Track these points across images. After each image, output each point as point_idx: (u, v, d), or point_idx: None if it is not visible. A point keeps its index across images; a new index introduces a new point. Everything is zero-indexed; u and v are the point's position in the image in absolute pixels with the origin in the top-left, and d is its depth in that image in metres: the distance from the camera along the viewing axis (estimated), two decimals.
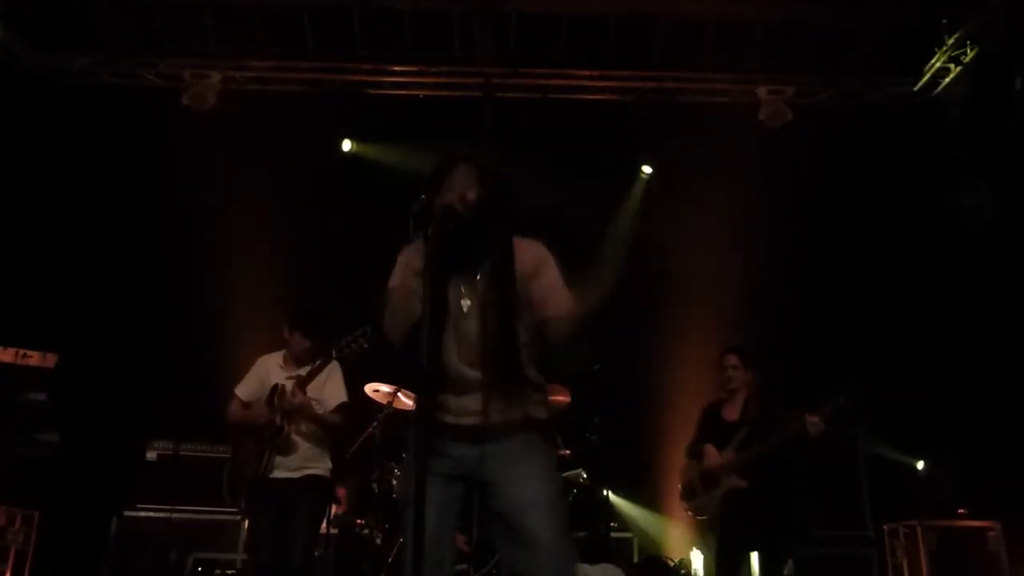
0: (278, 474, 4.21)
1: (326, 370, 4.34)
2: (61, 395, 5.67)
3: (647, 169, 7.92)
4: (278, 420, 4.22)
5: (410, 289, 2.55)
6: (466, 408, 2.54)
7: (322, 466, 4.33)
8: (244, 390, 4.46)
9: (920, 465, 6.48)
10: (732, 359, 4.89)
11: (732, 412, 4.83)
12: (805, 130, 7.29)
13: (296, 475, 4.22)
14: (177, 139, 7.12)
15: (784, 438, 4.49)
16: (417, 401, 2.57)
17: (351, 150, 7.74)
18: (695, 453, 4.93)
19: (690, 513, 4.94)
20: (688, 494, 4.93)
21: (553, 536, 2.43)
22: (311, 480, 4.25)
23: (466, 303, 2.59)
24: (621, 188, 8.01)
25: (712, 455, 4.75)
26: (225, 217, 7.02)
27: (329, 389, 4.38)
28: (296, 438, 4.26)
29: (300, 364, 4.37)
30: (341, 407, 4.40)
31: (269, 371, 4.43)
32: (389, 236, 2.68)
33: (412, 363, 2.43)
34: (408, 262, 2.59)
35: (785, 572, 4.65)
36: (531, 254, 2.66)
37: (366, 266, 7.01)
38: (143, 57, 7.30)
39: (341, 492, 6.01)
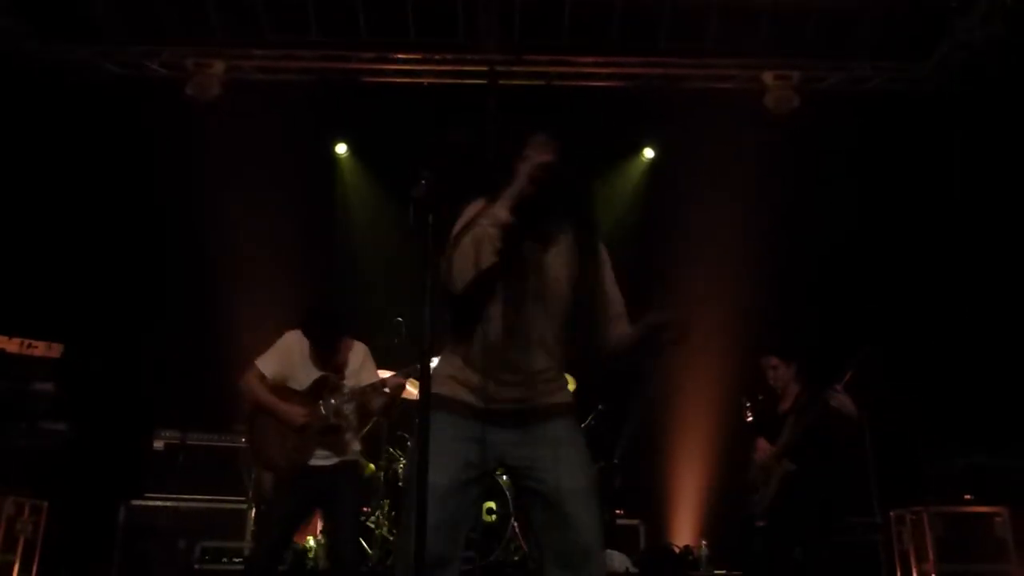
0: (315, 462, 4.12)
1: (356, 355, 4.30)
2: (67, 385, 5.68)
3: (649, 152, 7.93)
4: (333, 418, 4.12)
5: (486, 233, 2.40)
6: (507, 389, 2.46)
7: (354, 451, 4.28)
8: (268, 366, 4.20)
9: None
10: (772, 360, 5.01)
11: (785, 404, 4.95)
12: (812, 116, 7.24)
13: (331, 462, 4.14)
14: (181, 129, 7.12)
15: (811, 416, 4.60)
16: (449, 379, 2.50)
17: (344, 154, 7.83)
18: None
19: (754, 510, 4.97)
20: (752, 490, 4.98)
21: (593, 524, 2.41)
22: (345, 465, 4.18)
23: (534, 281, 2.52)
24: (624, 176, 8.02)
25: (762, 447, 4.83)
26: (230, 207, 7.02)
27: (366, 376, 4.30)
28: (340, 434, 4.18)
29: (329, 358, 4.25)
30: None
31: (295, 356, 4.25)
32: (393, 226, 2.67)
33: (458, 325, 2.40)
34: (480, 211, 2.48)
35: (795, 556, 4.69)
36: (600, 247, 2.65)
37: (371, 255, 7.12)
38: (145, 47, 7.28)
39: None
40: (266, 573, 4.07)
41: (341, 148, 7.90)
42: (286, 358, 4.24)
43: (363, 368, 4.32)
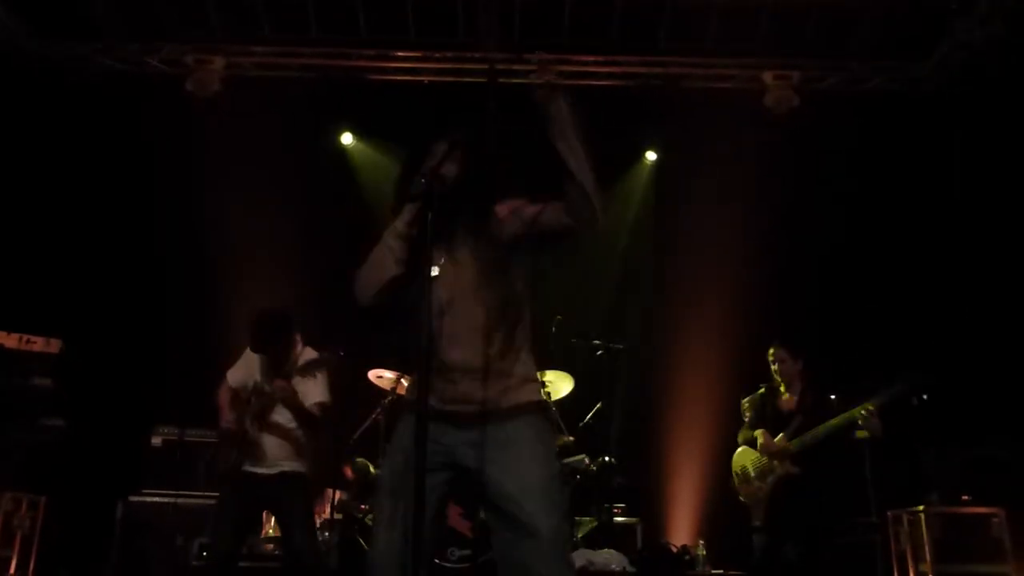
0: (251, 468, 4.17)
1: (311, 367, 4.25)
2: (66, 381, 5.68)
3: (652, 156, 7.94)
4: (247, 423, 4.15)
5: (387, 246, 2.47)
6: (454, 391, 2.42)
7: (296, 463, 4.23)
8: (233, 376, 4.38)
9: None
10: (781, 353, 4.96)
11: (789, 402, 4.91)
12: (812, 116, 7.24)
13: (270, 471, 4.17)
14: (181, 128, 7.12)
15: (836, 430, 4.59)
16: (416, 384, 2.45)
17: (351, 144, 7.82)
18: (751, 441, 4.97)
19: (742, 499, 4.98)
20: (741, 480, 4.97)
21: (548, 526, 2.30)
22: (285, 477, 4.18)
23: (452, 280, 2.48)
24: (626, 175, 8.03)
25: (767, 441, 4.80)
26: (228, 203, 7.02)
27: (311, 386, 4.26)
28: (264, 443, 4.18)
29: (277, 367, 4.24)
30: (319, 405, 4.26)
31: (251, 365, 4.35)
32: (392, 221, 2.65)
33: (392, 339, 2.37)
34: (394, 226, 2.52)
35: (792, 556, 4.69)
36: (506, 208, 2.57)
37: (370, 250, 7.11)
38: (145, 43, 7.28)
39: (349, 475, 6.06)
40: (226, 568, 4.13)
41: (347, 138, 7.87)
42: (247, 367, 4.36)
43: (310, 377, 4.24)
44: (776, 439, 4.79)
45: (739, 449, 5.10)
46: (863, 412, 4.53)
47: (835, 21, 6.98)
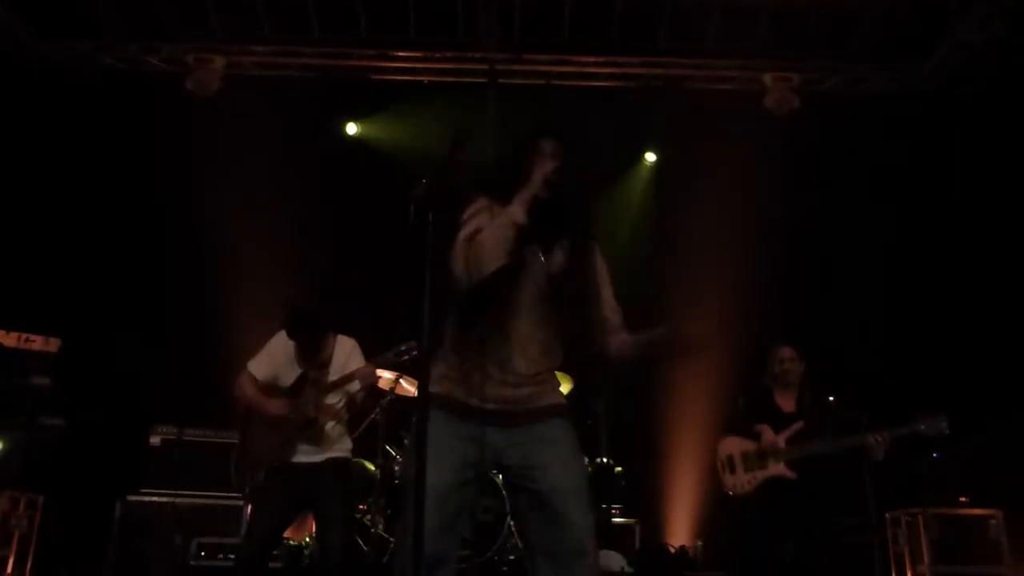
0: (299, 458, 4.15)
1: (342, 350, 4.30)
2: (65, 379, 5.68)
3: (651, 157, 7.94)
4: (311, 411, 4.15)
5: (505, 231, 2.39)
6: (505, 391, 2.49)
7: (343, 447, 4.28)
8: (258, 368, 4.30)
9: None
10: (788, 352, 4.91)
11: (787, 403, 4.88)
12: (812, 117, 7.25)
13: (318, 459, 4.16)
14: (181, 127, 7.12)
15: (842, 448, 4.59)
16: (441, 378, 2.53)
17: (356, 133, 7.80)
18: (744, 431, 4.90)
19: (727, 490, 4.94)
20: (727, 469, 4.92)
21: (586, 520, 2.44)
22: (334, 463, 4.19)
23: (534, 285, 2.55)
24: (626, 175, 8.03)
25: (770, 437, 4.75)
26: (228, 202, 7.02)
27: (353, 367, 4.29)
28: (323, 427, 4.20)
29: (312, 355, 4.28)
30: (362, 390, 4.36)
31: (281, 356, 4.31)
32: (393, 220, 2.66)
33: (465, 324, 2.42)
34: (493, 211, 2.51)
35: (786, 555, 4.68)
36: (599, 257, 2.72)
37: (371, 250, 7.12)
38: (145, 43, 7.28)
39: None
40: (255, 568, 4.08)
41: (351, 128, 7.85)
42: (274, 359, 4.31)
43: (349, 361, 4.29)
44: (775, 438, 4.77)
45: (726, 438, 5.02)
46: (877, 439, 4.53)
47: (835, 21, 6.98)
